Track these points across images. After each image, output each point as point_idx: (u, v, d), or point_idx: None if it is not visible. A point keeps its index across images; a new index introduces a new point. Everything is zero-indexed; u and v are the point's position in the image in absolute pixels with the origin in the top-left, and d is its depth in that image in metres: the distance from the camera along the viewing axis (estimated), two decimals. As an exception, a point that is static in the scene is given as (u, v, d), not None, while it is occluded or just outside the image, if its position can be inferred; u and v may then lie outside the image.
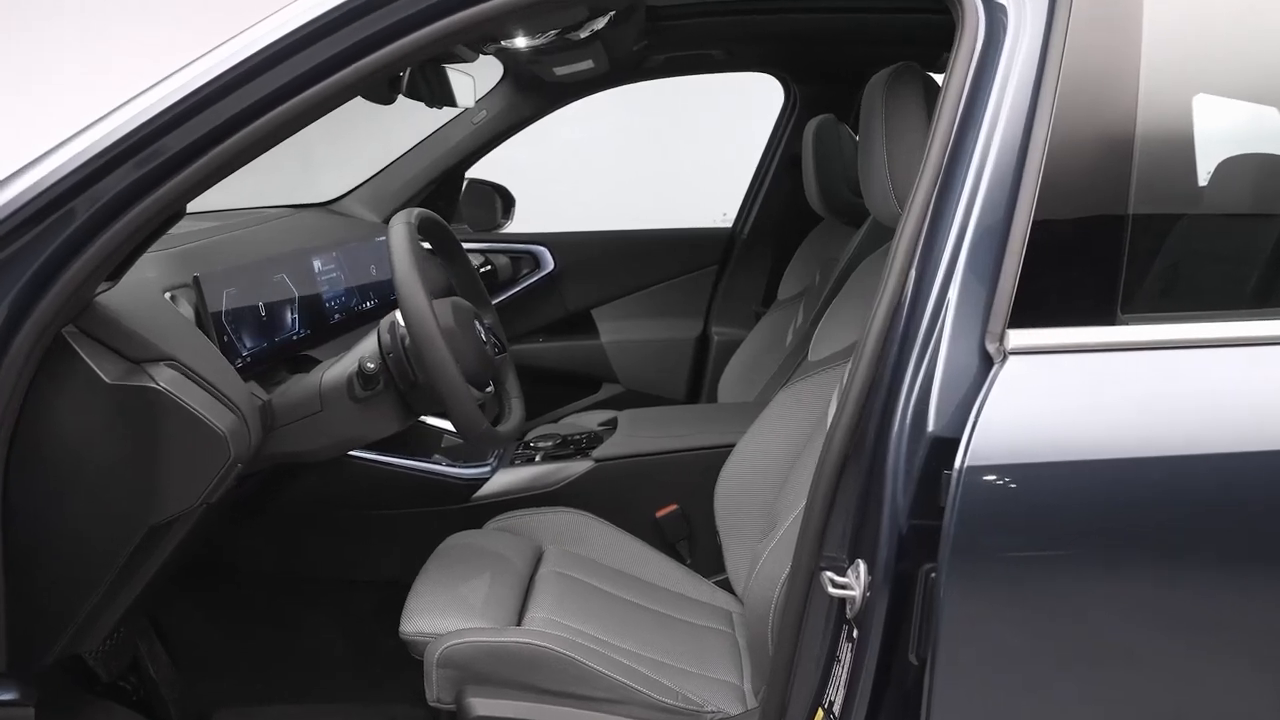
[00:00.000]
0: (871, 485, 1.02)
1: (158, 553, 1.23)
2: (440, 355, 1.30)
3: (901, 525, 0.99)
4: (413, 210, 1.43)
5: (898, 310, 1.02)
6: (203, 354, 1.23)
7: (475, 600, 1.44)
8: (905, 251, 1.03)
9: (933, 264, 1.02)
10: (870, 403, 1.02)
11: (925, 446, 0.98)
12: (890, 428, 1.00)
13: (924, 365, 1.00)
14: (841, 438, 1.04)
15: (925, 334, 1.01)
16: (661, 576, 1.72)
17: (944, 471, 0.96)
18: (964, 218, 1.02)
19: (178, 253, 1.34)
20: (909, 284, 1.02)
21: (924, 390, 0.99)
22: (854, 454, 1.04)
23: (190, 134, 1.04)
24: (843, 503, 1.06)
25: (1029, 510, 0.95)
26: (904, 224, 1.04)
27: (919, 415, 0.99)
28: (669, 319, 2.67)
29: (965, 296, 1.00)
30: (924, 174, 1.04)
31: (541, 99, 2.40)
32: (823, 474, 1.06)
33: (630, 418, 2.03)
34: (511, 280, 2.62)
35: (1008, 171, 1.02)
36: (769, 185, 2.63)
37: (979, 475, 0.94)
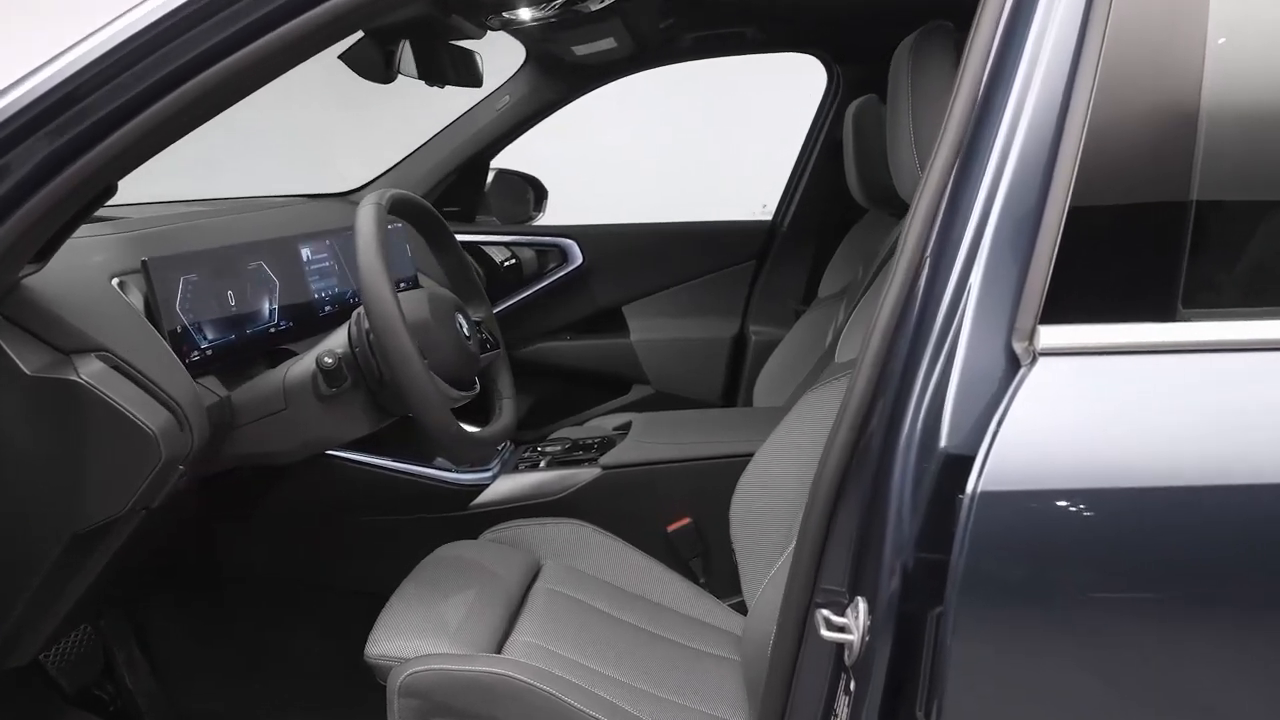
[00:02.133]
0: (874, 509, 0.86)
1: (91, 562, 1.13)
2: (403, 349, 1.18)
3: (906, 558, 0.83)
4: (386, 190, 1.31)
5: (908, 303, 0.86)
6: (143, 346, 1.12)
7: (451, 621, 1.31)
8: (918, 234, 0.87)
9: (950, 248, 0.86)
10: (873, 412, 0.87)
11: (935, 465, 0.82)
12: (896, 442, 0.84)
13: (937, 368, 0.84)
14: (839, 452, 0.88)
15: (940, 331, 0.84)
16: (670, 597, 1.58)
17: (956, 495, 0.80)
18: (989, 194, 0.85)
19: (133, 237, 1.24)
20: (922, 272, 0.86)
21: (936, 398, 0.83)
22: (854, 471, 0.88)
23: (110, 100, 0.93)
24: (842, 529, 0.90)
25: (1056, 547, 0.78)
26: (918, 201, 0.88)
27: (929, 427, 0.82)
28: (704, 317, 2.52)
29: (989, 286, 0.84)
30: (943, 143, 0.88)
31: (566, 83, 2.27)
32: (818, 494, 0.90)
33: (644, 422, 1.89)
34: (538, 275, 2.49)
35: (1043, 140, 0.85)
36: (810, 175, 2.45)
37: (995, 501, 0.78)
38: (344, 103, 3.31)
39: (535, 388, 2.57)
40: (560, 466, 1.73)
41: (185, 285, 1.25)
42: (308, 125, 3.50)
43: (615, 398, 2.54)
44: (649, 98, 3.12)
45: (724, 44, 2.25)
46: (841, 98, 2.34)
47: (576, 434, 1.93)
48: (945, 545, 0.81)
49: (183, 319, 1.23)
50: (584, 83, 2.28)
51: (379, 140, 2.50)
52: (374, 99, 3.09)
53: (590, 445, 1.82)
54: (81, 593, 1.16)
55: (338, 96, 3.21)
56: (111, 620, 1.59)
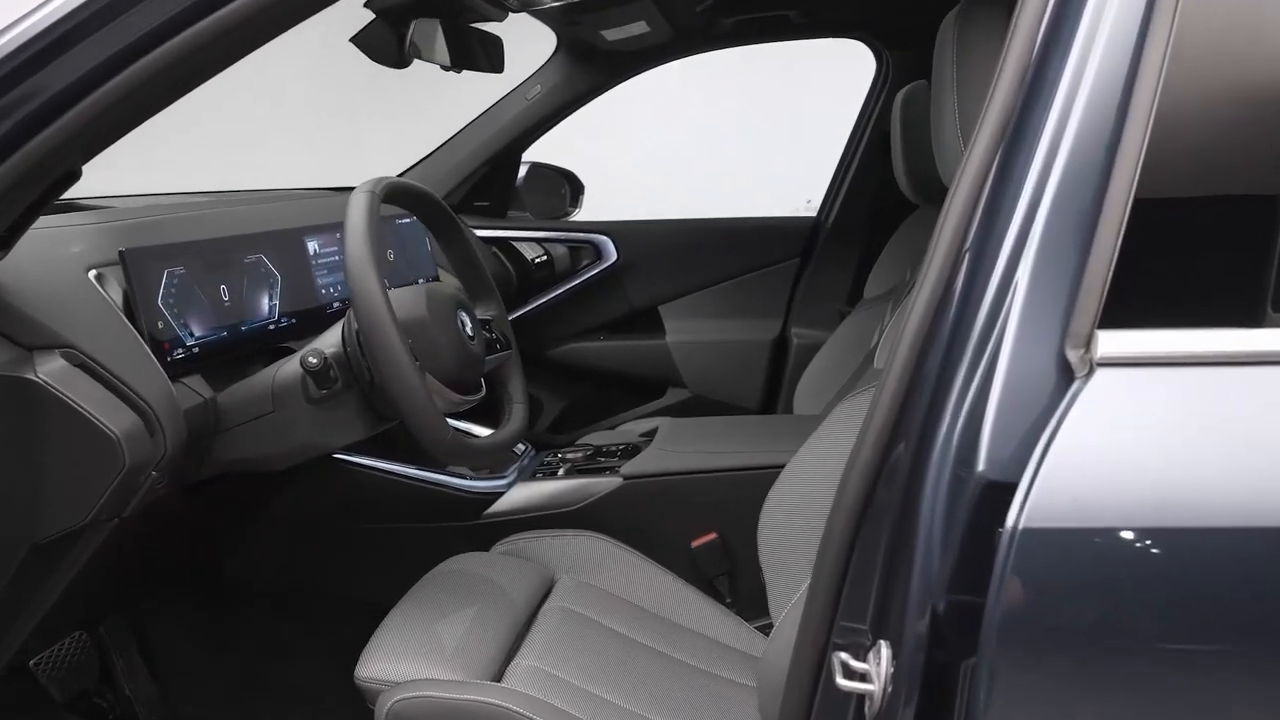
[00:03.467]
0: (899, 541, 0.75)
1: (56, 575, 1.06)
2: (389, 348, 1.09)
3: (936, 599, 0.72)
4: (382, 178, 1.22)
5: (943, 304, 0.75)
6: (114, 343, 1.05)
7: (449, 642, 1.21)
8: (956, 225, 0.75)
9: (993, 241, 0.74)
10: (900, 430, 0.75)
11: (971, 493, 0.70)
12: (925, 465, 0.73)
13: (975, 380, 0.72)
14: (861, 474, 0.77)
15: (979, 337, 0.73)
16: (692, 618, 1.47)
17: (995, 529, 0.69)
18: (1039, 180, 0.73)
19: (117, 227, 1.17)
20: (960, 269, 0.75)
21: (973, 414, 0.71)
22: (878, 497, 0.77)
23: (61, 76, 0.86)
24: (864, 561, 0.79)
25: (1111, 593, 0.66)
26: (957, 188, 0.76)
27: (965, 449, 0.71)
28: (743, 318, 2.40)
29: (1038, 285, 0.72)
30: (986, 121, 0.76)
31: (600, 72, 2.17)
32: (837, 520, 0.79)
33: (670, 428, 1.78)
34: (570, 272, 2.39)
35: (1104, 117, 0.73)
36: (857, 169, 2.32)
37: (1041, 538, 0.66)
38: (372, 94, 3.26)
39: (567, 390, 2.49)
40: (580, 475, 1.63)
41: (170, 278, 1.18)
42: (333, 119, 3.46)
43: (649, 401, 2.44)
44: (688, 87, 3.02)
45: (766, 29, 2.13)
46: (891, 86, 2.20)
47: (601, 440, 1.83)
48: (980, 586, 0.69)
49: (165, 314, 1.16)
50: (618, 71, 2.18)
51: (409, 134, 2.43)
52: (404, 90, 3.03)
53: (613, 452, 1.71)
54: (52, 603, 1.09)
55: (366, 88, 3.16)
56: (112, 627, 1.53)
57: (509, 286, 2.28)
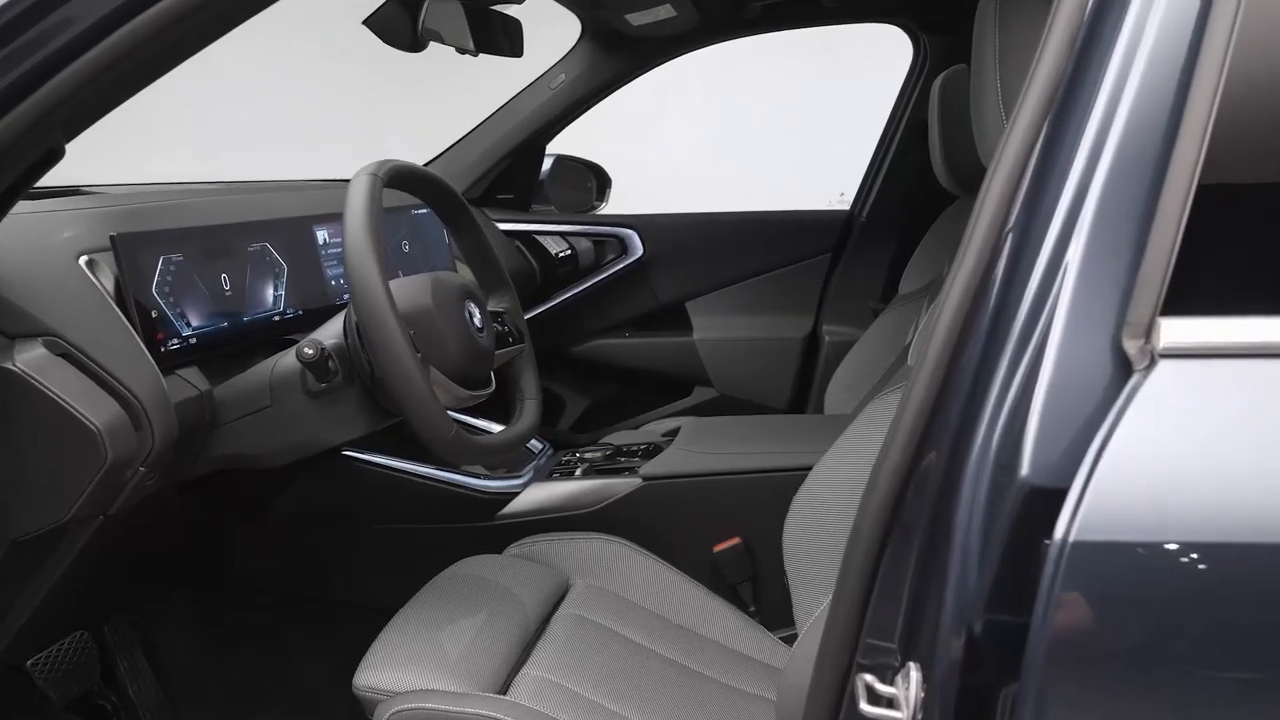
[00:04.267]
0: (932, 553, 0.67)
1: (42, 573, 1.01)
2: (388, 339, 1.02)
3: (973, 618, 0.64)
4: (385, 161, 1.16)
5: (981, 291, 0.67)
6: (102, 331, 1.00)
7: (453, 650, 1.15)
8: (997, 204, 0.68)
9: (1040, 220, 0.66)
10: (933, 430, 0.67)
11: (1014, 499, 0.62)
12: (962, 468, 0.65)
13: (1018, 374, 0.64)
14: (890, 479, 0.70)
15: (1023, 326, 0.65)
16: (713, 627, 1.39)
17: (1040, 540, 0.61)
18: (1093, 151, 0.66)
19: (113, 212, 1.12)
20: (1001, 251, 0.67)
21: (1016, 412, 0.63)
22: (908, 503, 0.69)
23: (35, 48, 0.81)
24: (892, 573, 0.71)
25: (1177, 615, 0.58)
26: (998, 164, 0.69)
27: (1007, 451, 0.63)
28: (773, 315, 2.32)
29: (1091, 268, 0.64)
30: (1032, 88, 0.68)
31: (626, 59, 2.10)
32: (863, 529, 0.71)
33: (693, 428, 1.71)
34: (595, 267, 2.33)
35: (1167, 78, 0.65)
36: (893, 159, 2.23)
37: (1095, 552, 0.59)
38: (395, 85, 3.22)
39: (591, 388, 2.42)
40: (598, 475, 1.57)
41: (166, 265, 1.12)
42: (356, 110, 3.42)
43: (676, 400, 2.36)
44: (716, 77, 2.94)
45: (798, 14, 2.05)
46: (928, 72, 2.11)
47: (622, 439, 1.76)
48: (1024, 605, 0.62)
49: (160, 303, 1.11)
50: (645, 59, 2.11)
51: (431, 126, 2.38)
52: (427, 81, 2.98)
53: (634, 452, 1.64)
54: (39, 603, 1.04)
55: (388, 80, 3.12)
56: (115, 627, 1.49)
57: (532, 281, 2.23)
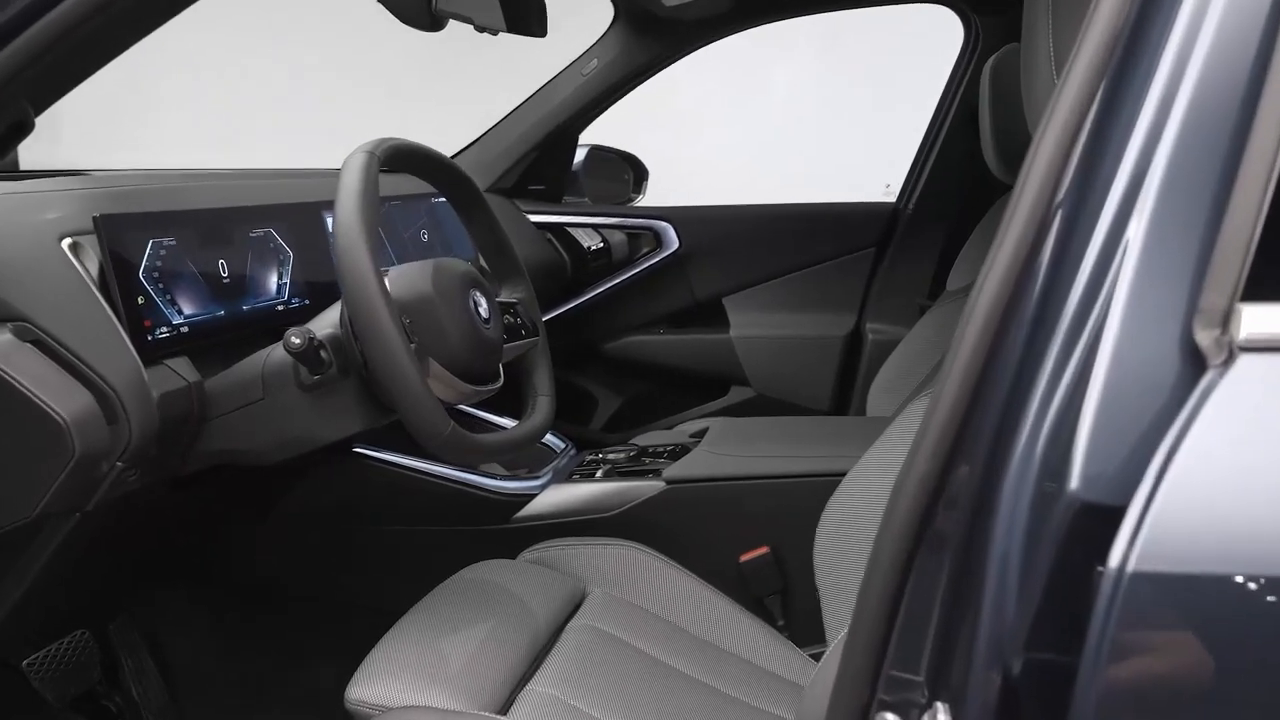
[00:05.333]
0: (964, 578, 0.58)
1: (16, 570, 0.96)
2: (377, 326, 0.95)
3: (1011, 656, 0.55)
4: (384, 139, 1.09)
5: (1025, 274, 0.58)
6: (78, 318, 0.94)
7: (454, 662, 1.08)
8: (1045, 174, 0.58)
9: (1096, 191, 0.57)
10: (967, 436, 0.58)
11: (1061, 517, 0.53)
12: (999, 481, 0.56)
13: (1068, 370, 0.55)
14: (916, 490, 0.60)
15: (1075, 316, 0.56)
16: (738, 641, 1.30)
17: (1093, 567, 0.51)
18: (1159, 112, 0.56)
19: (102, 193, 1.06)
20: (1050, 228, 0.58)
21: (1066, 415, 0.54)
22: (936, 520, 0.60)
23: None
24: (919, 599, 0.62)
25: (1262, 668, 0.48)
26: (1047, 126, 0.59)
27: (1053, 460, 0.54)
28: (814, 312, 2.22)
29: (1156, 248, 0.55)
30: (1088, 38, 0.59)
31: (661, 44, 2.01)
32: (885, 548, 0.62)
33: (722, 428, 1.62)
34: (628, 261, 2.25)
35: (1248, 20, 0.55)
36: (942, 148, 2.11)
37: (1158, 585, 0.49)
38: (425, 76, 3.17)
39: (623, 387, 2.34)
40: (620, 477, 1.48)
41: (155, 249, 1.07)
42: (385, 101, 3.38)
43: (711, 400, 2.27)
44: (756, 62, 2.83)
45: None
46: (980, 55, 1.99)
47: (650, 440, 1.68)
48: (1072, 642, 0.52)
49: (148, 288, 1.05)
50: (681, 43, 2.02)
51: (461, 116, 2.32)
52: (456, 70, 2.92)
53: (659, 453, 1.56)
54: (18, 599, 0.99)
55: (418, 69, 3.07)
56: (120, 627, 1.44)
57: (563, 275, 2.15)
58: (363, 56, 3.29)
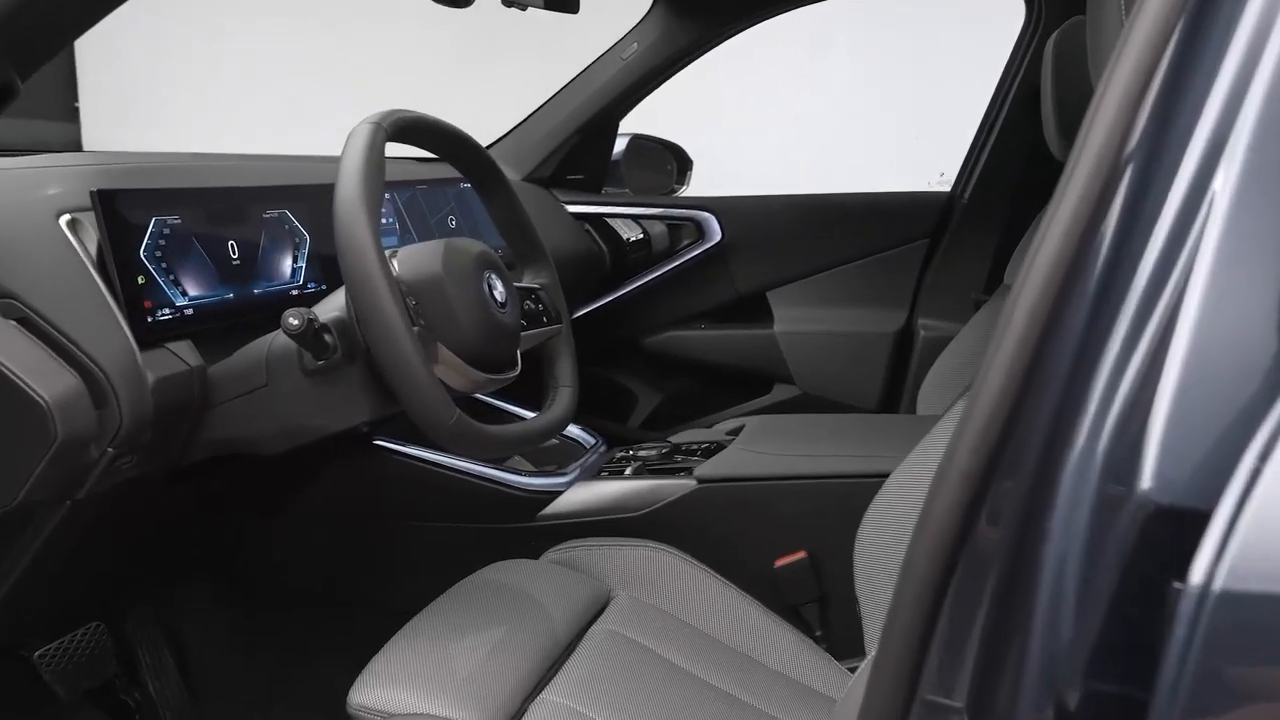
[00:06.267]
0: (1011, 593, 0.50)
1: (7, 560, 0.91)
2: (377, 306, 0.89)
3: (1064, 687, 0.47)
4: (393, 111, 1.02)
5: (1089, 235, 0.50)
6: (70, 296, 0.90)
7: (464, 668, 1.02)
8: (1114, 120, 0.50)
9: (1176, 137, 0.49)
10: (1017, 426, 0.50)
11: (1129, 525, 0.45)
12: (1055, 480, 0.48)
13: (1140, 349, 0.47)
14: (955, 495, 0.52)
15: (1149, 284, 0.48)
16: (770, 651, 1.22)
17: (1168, 583, 0.43)
18: (1252, 46, 0.47)
19: (106, 170, 1.02)
20: (1118, 185, 0.50)
21: (1136, 402, 0.46)
22: (981, 524, 0.52)
23: None
24: (957, 617, 0.54)
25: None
26: (1116, 67, 0.51)
27: (1120, 457, 0.46)
28: (863, 307, 2.13)
29: (1244, 205, 0.46)
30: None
31: (703, 25, 1.93)
32: (918, 559, 0.54)
33: (759, 425, 1.53)
34: (669, 253, 2.17)
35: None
36: (1000, 133, 2.00)
37: (1250, 606, 0.40)
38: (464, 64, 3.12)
39: (662, 383, 2.27)
40: (650, 475, 1.41)
41: (159, 227, 1.02)
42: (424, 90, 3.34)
43: (754, 398, 2.19)
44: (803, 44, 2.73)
45: (893, -29, 1.86)
46: (1043, 31, 1.88)
47: (684, 437, 1.61)
48: (1142, 673, 0.44)
49: (149, 268, 1.00)
50: (724, 24, 1.94)
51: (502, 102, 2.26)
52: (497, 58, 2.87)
53: (693, 451, 1.48)
54: (7, 590, 0.95)
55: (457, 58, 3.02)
56: (139, 620, 1.41)
57: (601, 267, 2.09)
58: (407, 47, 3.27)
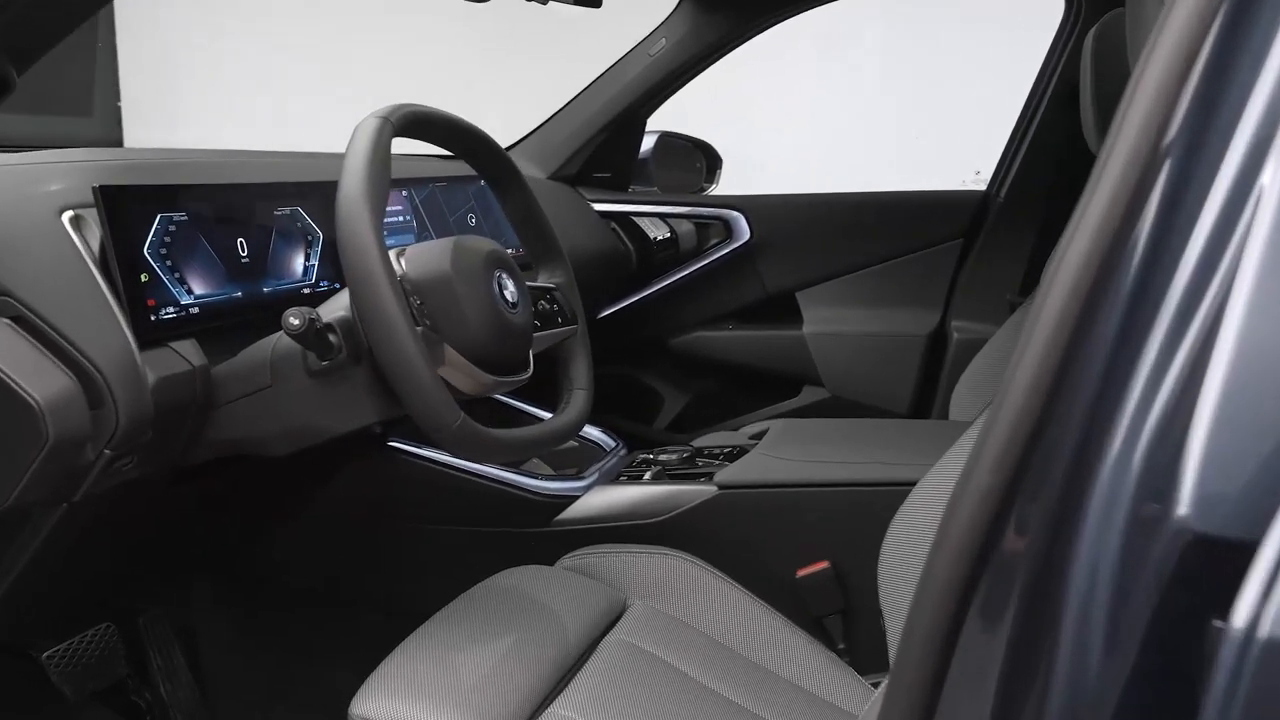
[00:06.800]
0: (1032, 627, 0.46)
1: (4, 560, 0.90)
2: (377, 302, 0.86)
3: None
4: (401, 105, 1.00)
5: (1124, 231, 0.46)
6: (68, 293, 0.88)
7: (469, 678, 0.98)
8: (1149, 109, 0.46)
9: (1220, 123, 0.44)
10: (1039, 444, 0.46)
11: (1164, 554, 0.40)
12: (1082, 501, 0.44)
13: (1179, 356, 0.42)
14: (973, 516, 0.48)
15: (1189, 288, 0.43)
16: (789, 664, 1.18)
17: (1208, 622, 0.39)
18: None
19: (110, 166, 1.00)
20: (1157, 176, 0.46)
21: (1173, 418, 0.42)
22: (1000, 550, 0.48)
23: None
24: (974, 650, 0.49)
25: None
26: (1152, 51, 0.47)
27: (1155, 476, 0.42)
28: (895, 308, 2.07)
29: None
30: None
31: (733, 20, 1.89)
32: (931, 589, 0.50)
33: (783, 429, 1.49)
34: (696, 252, 2.13)
35: None
36: (1038, 131, 1.94)
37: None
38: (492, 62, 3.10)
39: (689, 385, 2.23)
40: (669, 480, 1.37)
41: (164, 224, 1.00)
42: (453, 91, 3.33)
43: (783, 400, 2.14)
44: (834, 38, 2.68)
45: (927, -37, 1.80)
46: (1082, 26, 1.82)
47: (709, 441, 1.57)
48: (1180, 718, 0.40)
49: (153, 265, 0.98)
50: (753, 19, 1.90)
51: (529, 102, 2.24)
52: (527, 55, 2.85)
53: (715, 455, 1.44)
54: (4, 592, 0.94)
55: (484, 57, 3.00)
56: (151, 621, 1.40)
57: (627, 266, 2.06)
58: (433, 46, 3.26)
